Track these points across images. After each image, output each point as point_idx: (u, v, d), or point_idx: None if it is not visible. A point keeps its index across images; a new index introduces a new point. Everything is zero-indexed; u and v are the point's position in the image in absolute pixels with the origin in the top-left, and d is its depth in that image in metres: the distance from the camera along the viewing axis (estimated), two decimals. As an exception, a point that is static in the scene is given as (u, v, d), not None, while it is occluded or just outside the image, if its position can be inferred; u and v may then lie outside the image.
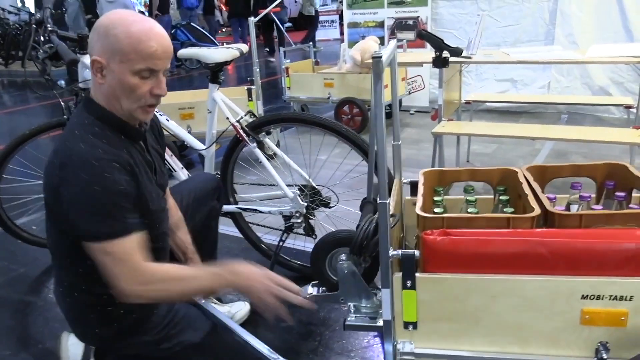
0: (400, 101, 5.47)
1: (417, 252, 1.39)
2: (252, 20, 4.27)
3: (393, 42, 1.59)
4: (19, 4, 14.59)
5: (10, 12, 12.42)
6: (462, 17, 5.36)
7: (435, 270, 1.43)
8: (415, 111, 5.66)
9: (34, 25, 2.40)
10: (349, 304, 1.59)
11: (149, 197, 1.43)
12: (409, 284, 1.41)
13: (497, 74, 5.29)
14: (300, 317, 2.16)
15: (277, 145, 4.14)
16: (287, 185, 2.24)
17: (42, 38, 2.29)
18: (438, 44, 3.17)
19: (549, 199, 1.57)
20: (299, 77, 5.31)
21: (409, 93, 5.45)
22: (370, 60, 1.22)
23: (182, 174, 2.39)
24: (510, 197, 1.65)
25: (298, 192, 2.21)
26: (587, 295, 1.34)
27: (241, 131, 2.18)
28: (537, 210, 1.48)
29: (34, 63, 2.47)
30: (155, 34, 1.31)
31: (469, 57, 3.33)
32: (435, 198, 1.67)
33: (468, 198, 1.65)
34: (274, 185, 2.29)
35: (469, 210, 1.63)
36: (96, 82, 1.34)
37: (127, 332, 1.49)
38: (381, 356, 1.93)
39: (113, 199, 1.28)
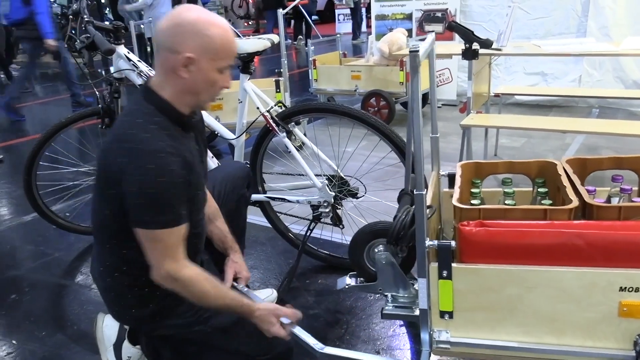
0: (426, 94, 5.44)
1: (453, 243, 1.42)
2: (281, 12, 4.29)
3: (431, 36, 1.60)
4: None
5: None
6: (492, 10, 5.29)
7: (471, 261, 1.44)
8: (442, 104, 5.62)
9: (70, 16, 2.46)
10: (386, 293, 1.61)
11: (200, 187, 1.51)
12: (445, 274, 1.44)
13: (527, 67, 5.22)
14: (328, 306, 2.19)
15: (304, 135, 4.17)
16: (316, 175, 2.27)
17: (78, 29, 2.35)
18: (468, 36, 3.15)
19: (588, 191, 1.56)
20: (326, 70, 5.32)
21: (437, 86, 5.41)
22: (398, 52, 1.25)
23: (212, 162, 2.43)
24: (549, 190, 1.65)
25: (326, 182, 2.23)
26: (625, 288, 1.33)
27: (271, 121, 2.21)
28: (575, 202, 1.47)
29: (71, 53, 2.54)
30: (232, 35, 1.43)
31: (499, 49, 3.30)
32: (473, 190, 1.69)
33: (506, 190, 1.65)
34: (302, 175, 2.32)
35: (506, 202, 1.63)
36: (175, 75, 1.38)
37: (161, 314, 1.53)
38: (407, 344, 1.95)
39: (173, 190, 1.35)
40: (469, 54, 3.18)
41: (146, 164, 1.32)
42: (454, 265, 1.43)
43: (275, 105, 2.27)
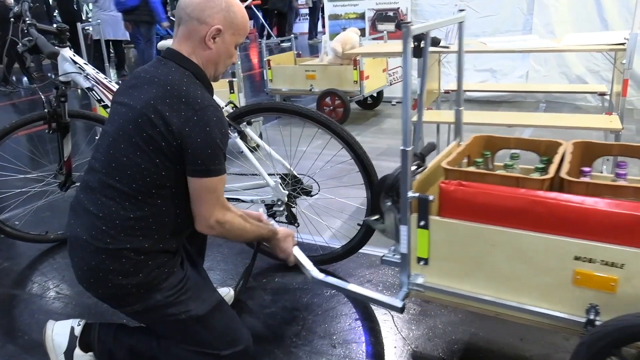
0: (381, 92, 5.52)
1: (431, 197, 1.57)
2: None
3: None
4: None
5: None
6: (442, 9, 5.41)
7: (448, 216, 1.61)
8: (396, 102, 5.71)
9: (11, 19, 2.39)
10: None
11: None
12: (422, 223, 1.61)
13: (477, 64, 5.36)
14: (285, 304, 2.20)
15: (260, 137, 4.17)
16: (269, 175, 2.28)
17: (19, 32, 2.29)
18: (415, 35, 3.22)
19: (583, 171, 1.64)
20: (281, 69, 5.33)
21: (390, 84, 5.50)
22: (351, 51, 1.32)
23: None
24: (548, 166, 1.73)
25: (279, 181, 2.24)
26: (580, 257, 1.42)
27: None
28: (549, 175, 1.59)
29: (14, 57, 2.47)
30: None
31: (447, 47, 3.39)
32: (476, 159, 1.82)
33: (506, 162, 1.76)
34: (256, 174, 2.32)
35: (499, 171, 1.74)
36: (202, 45, 1.55)
37: (146, 286, 1.55)
38: (362, 337, 1.99)
39: (226, 140, 1.56)
40: (417, 53, 3.25)
41: (211, 118, 1.48)
42: (430, 217, 1.60)
43: (226, 106, 2.27)
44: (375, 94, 5.45)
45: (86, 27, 7.05)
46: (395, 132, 4.78)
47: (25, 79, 8.34)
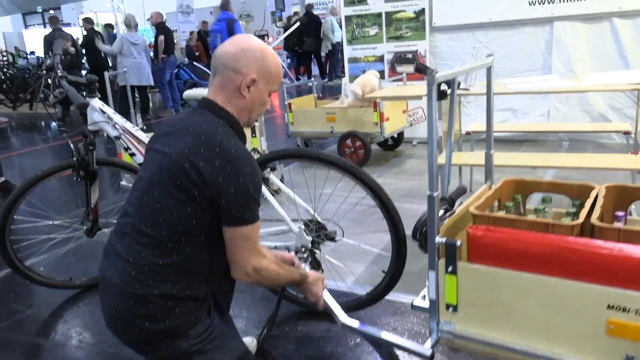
0: (402, 133, 5.54)
1: (458, 242, 1.56)
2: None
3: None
4: (27, 49, 15.02)
5: (19, 57, 12.76)
6: (460, 50, 5.46)
7: (476, 261, 1.58)
8: (417, 142, 5.72)
9: (44, 71, 2.48)
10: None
11: None
12: (450, 269, 1.59)
13: (497, 104, 5.31)
14: (309, 353, 2.16)
15: (282, 180, 4.19)
16: (293, 220, 2.28)
17: (51, 83, 2.36)
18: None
19: (617, 216, 1.61)
20: (302, 112, 5.40)
21: (411, 125, 5.52)
22: (371, 94, 1.36)
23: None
24: (580, 211, 1.70)
25: (303, 227, 2.24)
26: (613, 306, 1.38)
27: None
28: (579, 221, 1.56)
29: (44, 106, 2.54)
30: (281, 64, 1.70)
31: (467, 89, 3.40)
32: (507, 203, 1.80)
33: (537, 206, 1.74)
34: (279, 220, 2.32)
35: (529, 216, 1.72)
36: (237, 94, 1.60)
37: (173, 332, 1.55)
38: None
39: (259, 188, 1.58)
40: (437, 95, 3.27)
41: (245, 166, 1.51)
42: (459, 263, 1.59)
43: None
44: (395, 135, 5.47)
45: (111, 75, 7.27)
46: (417, 172, 4.76)
47: (53, 124, 8.61)
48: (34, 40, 15.51)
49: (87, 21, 9.77)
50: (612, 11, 4.74)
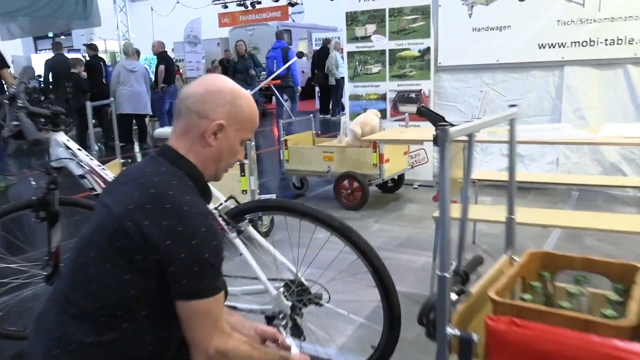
0: (402, 175, 5.28)
1: (475, 336, 1.27)
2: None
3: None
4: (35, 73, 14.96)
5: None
6: (466, 91, 5.26)
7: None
8: (418, 185, 5.46)
9: (6, 101, 2.24)
10: None
11: None
12: None
13: (503, 149, 5.11)
14: None
15: (268, 231, 3.91)
16: (271, 280, 1.99)
17: (8, 114, 2.12)
18: (438, 121, 3.01)
19: None
20: (298, 150, 5.16)
21: (412, 167, 5.27)
22: (370, 136, 1.08)
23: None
24: (626, 300, 1.38)
25: (283, 289, 1.95)
26: None
27: (220, 219, 1.96)
28: (631, 320, 1.23)
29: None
30: (257, 110, 1.48)
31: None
32: (533, 283, 1.49)
33: (569, 290, 1.45)
34: (255, 278, 2.04)
35: (562, 304, 1.39)
36: (202, 141, 1.37)
37: None
38: None
39: (221, 253, 1.32)
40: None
41: (199, 227, 1.25)
42: None
43: (226, 201, 2.03)
44: (396, 177, 5.21)
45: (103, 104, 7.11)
46: (417, 219, 4.48)
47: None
48: (41, 64, 15.58)
49: (91, 47, 9.67)
50: (626, 57, 4.53)
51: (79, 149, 2.27)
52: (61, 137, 2.25)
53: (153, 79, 9.63)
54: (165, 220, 1.23)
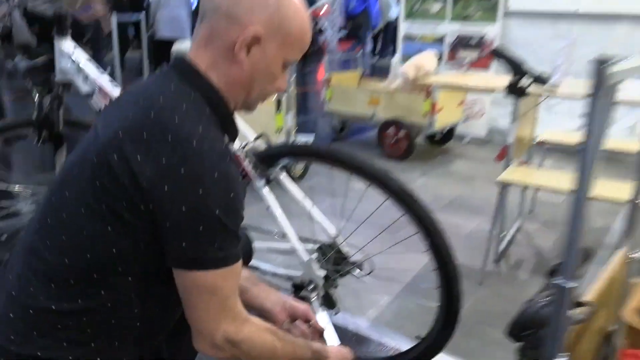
0: (453, 128, 4.79)
1: None
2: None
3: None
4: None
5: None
6: (536, 40, 4.64)
7: None
8: (470, 140, 4.97)
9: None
10: None
11: None
12: None
13: (574, 107, 4.54)
14: None
15: (304, 170, 3.54)
16: (304, 240, 1.63)
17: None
18: (518, 68, 2.52)
19: None
20: (342, 90, 4.71)
21: (466, 120, 4.77)
22: (424, 81, 0.66)
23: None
24: None
25: (316, 254, 1.59)
26: None
27: (245, 162, 1.58)
28: None
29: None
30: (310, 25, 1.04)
31: (553, 89, 2.66)
32: None
33: None
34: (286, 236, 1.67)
35: None
36: (230, 55, 0.97)
37: None
38: None
39: (241, 209, 0.93)
40: (517, 91, 2.55)
41: (211, 171, 0.87)
42: None
43: (255, 140, 1.65)
44: (447, 129, 4.73)
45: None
46: (466, 178, 4.04)
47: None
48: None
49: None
50: None
51: (88, 60, 1.89)
52: (67, 44, 1.87)
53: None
54: (164, 157, 0.86)
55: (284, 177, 1.65)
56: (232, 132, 1.05)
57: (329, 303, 1.67)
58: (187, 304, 0.93)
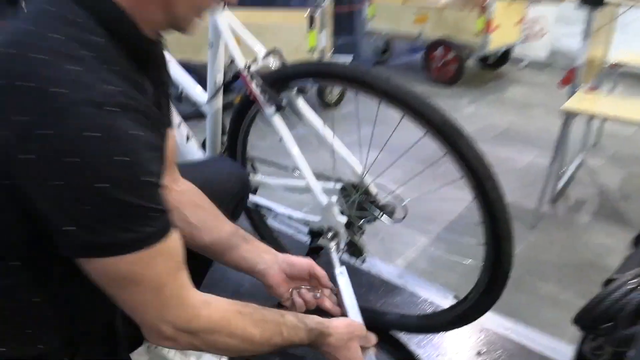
0: (509, 50, 4.31)
1: None
2: None
3: None
4: None
5: None
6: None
7: None
8: (528, 63, 4.49)
9: None
10: None
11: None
12: None
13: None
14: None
15: (340, 97, 3.24)
16: (323, 179, 1.36)
17: None
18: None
19: None
20: (386, 6, 4.26)
21: (524, 40, 4.27)
22: None
23: (180, 131, 1.56)
24: None
25: (338, 197, 1.32)
26: None
27: (253, 85, 1.29)
28: None
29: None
30: None
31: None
32: None
33: None
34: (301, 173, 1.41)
35: None
36: None
37: None
38: None
39: (151, 175, 0.66)
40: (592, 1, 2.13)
41: (87, 131, 0.60)
42: None
43: (265, 56, 1.35)
44: (502, 50, 4.26)
45: None
46: (521, 105, 3.63)
47: None
48: None
49: None
50: None
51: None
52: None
53: None
54: (24, 113, 0.59)
55: (300, 102, 1.37)
56: (153, 67, 0.78)
57: (353, 251, 1.43)
58: (113, 298, 0.70)
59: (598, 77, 2.70)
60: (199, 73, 1.65)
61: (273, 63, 1.36)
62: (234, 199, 1.23)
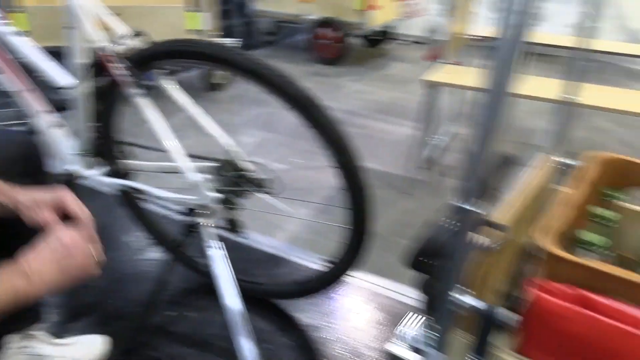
0: (392, 28, 4.50)
1: (514, 316, 0.73)
2: None
3: None
4: None
5: None
6: None
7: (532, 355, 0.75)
8: (412, 42, 4.71)
9: None
10: None
11: None
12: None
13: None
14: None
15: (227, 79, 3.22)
16: (195, 158, 1.39)
17: None
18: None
19: None
20: (270, -14, 4.28)
21: (406, 17, 4.47)
22: None
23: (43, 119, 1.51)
24: None
25: (212, 175, 1.36)
26: None
27: (112, 67, 1.29)
28: None
29: None
30: None
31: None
32: (598, 211, 0.93)
33: None
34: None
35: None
36: None
37: None
38: None
39: None
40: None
41: None
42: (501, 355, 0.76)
43: (132, 38, 1.35)
44: (383, 29, 4.43)
45: None
46: (403, 81, 3.83)
47: None
48: None
49: None
50: None
51: None
52: None
53: None
54: None
55: (168, 83, 1.38)
56: None
57: (232, 227, 1.47)
58: None
59: (462, 51, 2.91)
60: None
61: (138, 44, 1.35)
62: (16, 164, 1.19)
